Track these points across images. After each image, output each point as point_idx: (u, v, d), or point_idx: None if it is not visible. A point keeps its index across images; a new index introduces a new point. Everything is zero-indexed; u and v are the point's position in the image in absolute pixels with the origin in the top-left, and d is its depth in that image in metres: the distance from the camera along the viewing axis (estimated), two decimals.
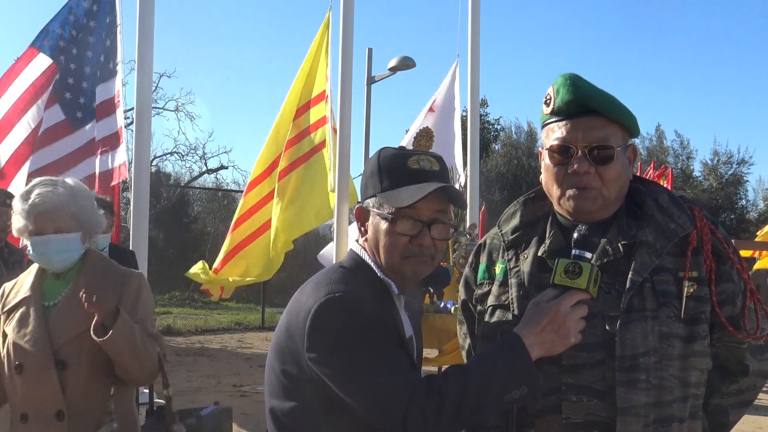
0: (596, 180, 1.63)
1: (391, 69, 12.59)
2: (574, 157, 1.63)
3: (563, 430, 1.59)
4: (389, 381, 1.51)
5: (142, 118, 7.04)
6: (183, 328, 13.18)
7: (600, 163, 1.63)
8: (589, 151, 1.63)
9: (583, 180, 1.63)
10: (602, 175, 1.63)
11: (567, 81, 1.65)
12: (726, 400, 1.73)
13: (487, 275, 1.81)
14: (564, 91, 1.65)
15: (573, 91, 1.63)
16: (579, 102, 1.63)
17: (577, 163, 1.63)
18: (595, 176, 1.63)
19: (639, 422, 1.54)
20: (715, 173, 23.42)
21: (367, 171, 1.71)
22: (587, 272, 1.53)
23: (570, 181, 1.65)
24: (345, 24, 7.06)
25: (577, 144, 1.63)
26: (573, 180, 1.64)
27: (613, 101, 1.65)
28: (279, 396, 1.64)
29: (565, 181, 1.66)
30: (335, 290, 1.58)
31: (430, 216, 1.64)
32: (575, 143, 1.63)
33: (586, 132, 1.63)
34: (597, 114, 1.63)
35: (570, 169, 1.64)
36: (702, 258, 1.62)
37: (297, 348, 1.59)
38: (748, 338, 1.64)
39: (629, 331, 1.56)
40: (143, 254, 6.61)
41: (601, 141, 1.63)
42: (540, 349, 1.53)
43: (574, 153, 1.64)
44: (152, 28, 7.01)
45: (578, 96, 1.63)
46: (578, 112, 1.64)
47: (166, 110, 22.44)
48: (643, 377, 1.55)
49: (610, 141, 1.63)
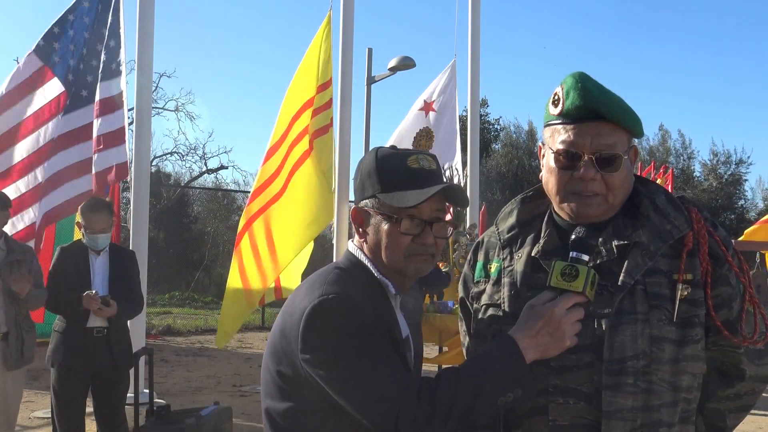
0: (601, 186, 1.62)
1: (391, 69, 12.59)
2: (581, 163, 1.62)
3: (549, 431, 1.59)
4: (382, 382, 1.52)
5: (142, 118, 7.05)
6: (183, 328, 13.17)
7: (606, 169, 1.61)
8: (595, 157, 1.61)
9: (588, 186, 1.62)
10: (608, 181, 1.62)
11: (578, 84, 1.62)
12: (723, 404, 1.71)
13: (483, 273, 1.80)
14: (574, 95, 1.62)
15: (584, 96, 1.61)
16: (589, 108, 1.61)
17: (584, 168, 1.61)
18: (600, 182, 1.62)
19: (625, 426, 1.53)
20: (714, 173, 23.42)
21: (363, 171, 1.70)
22: (584, 275, 1.53)
23: (574, 186, 1.64)
24: (345, 24, 7.07)
25: (584, 150, 1.61)
26: (578, 185, 1.63)
27: (622, 106, 1.63)
28: (274, 397, 1.64)
29: (569, 186, 1.65)
30: (329, 292, 1.58)
31: (431, 215, 1.65)
32: (582, 149, 1.61)
33: (594, 138, 1.61)
34: (605, 119, 1.61)
35: (576, 175, 1.62)
36: (698, 260, 1.60)
37: (291, 349, 1.59)
38: (745, 342, 1.62)
39: (618, 334, 1.55)
40: (143, 254, 6.62)
41: (608, 148, 1.61)
42: (535, 351, 1.52)
43: (580, 158, 1.62)
44: (152, 29, 7.03)
45: (588, 102, 1.60)
46: (586, 116, 1.62)
47: (166, 110, 22.50)
48: (631, 381, 1.54)
49: (617, 148, 1.62)
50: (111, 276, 4.61)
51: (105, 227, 4.58)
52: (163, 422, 4.31)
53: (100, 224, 4.55)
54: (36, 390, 7.37)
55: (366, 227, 1.70)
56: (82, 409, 4.58)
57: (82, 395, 4.56)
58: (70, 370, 4.46)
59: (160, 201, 20.59)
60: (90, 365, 4.48)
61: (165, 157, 23.31)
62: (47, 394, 5.53)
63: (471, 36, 8.99)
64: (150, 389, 4.89)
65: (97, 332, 4.49)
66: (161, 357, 9.66)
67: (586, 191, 1.63)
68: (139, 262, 5.21)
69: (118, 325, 4.59)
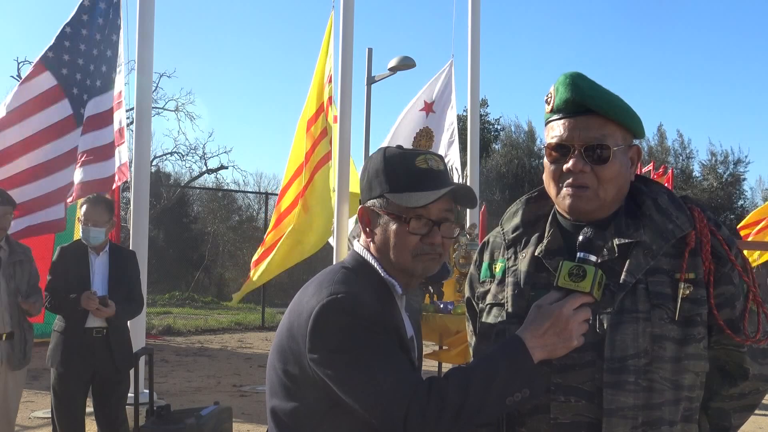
0: (592, 179, 1.63)
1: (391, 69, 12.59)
2: (570, 155, 1.64)
3: (551, 430, 1.59)
4: (390, 382, 1.52)
5: (142, 118, 7.04)
6: (183, 328, 13.17)
7: (596, 162, 1.63)
8: (585, 150, 1.63)
9: (578, 178, 1.64)
10: (598, 174, 1.63)
11: (567, 80, 1.65)
12: (727, 403, 1.71)
13: (489, 273, 1.81)
14: (563, 90, 1.65)
15: (572, 90, 1.64)
16: (577, 101, 1.63)
17: (573, 160, 1.63)
18: (590, 175, 1.63)
19: (626, 424, 1.54)
20: (714, 173, 23.43)
21: (371, 171, 1.70)
22: (591, 275, 1.53)
23: (566, 179, 1.66)
24: (345, 24, 7.06)
25: (573, 142, 1.64)
26: (568, 178, 1.65)
27: (613, 101, 1.65)
28: (280, 396, 1.64)
29: (561, 179, 1.67)
30: (338, 291, 1.58)
31: (439, 215, 1.66)
32: (572, 141, 1.64)
33: (584, 131, 1.63)
34: (595, 113, 1.63)
35: (565, 167, 1.64)
36: (700, 259, 1.61)
37: (299, 348, 1.59)
38: (747, 341, 1.62)
39: (619, 333, 1.56)
40: (143, 254, 6.61)
41: (597, 140, 1.63)
42: (542, 351, 1.52)
43: (570, 151, 1.64)
44: (152, 29, 7.02)
45: (576, 95, 1.63)
46: (577, 111, 1.64)
47: (166, 110, 22.48)
48: (632, 379, 1.54)
49: (607, 141, 1.63)
50: (111, 276, 4.61)
51: (99, 221, 4.55)
52: (163, 422, 4.31)
53: (94, 216, 4.53)
54: (36, 390, 7.37)
55: (373, 227, 1.70)
56: (82, 409, 4.58)
57: (82, 395, 4.55)
58: (70, 370, 4.45)
59: (160, 201, 20.58)
60: (90, 365, 4.48)
61: (165, 157, 23.33)
62: (47, 394, 5.53)
63: (471, 36, 8.97)
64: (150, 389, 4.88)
65: (97, 332, 4.49)
66: (161, 357, 9.66)
67: (576, 183, 1.64)
68: (139, 262, 5.21)
69: (117, 325, 4.59)
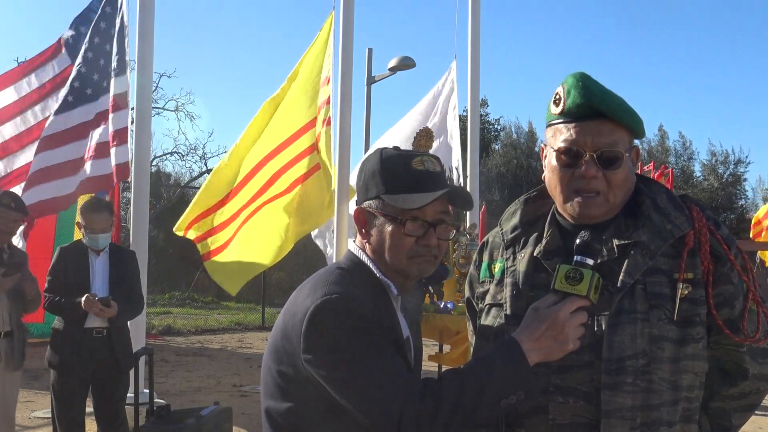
0: (603, 184, 1.63)
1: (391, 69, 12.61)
2: (582, 161, 1.62)
3: (549, 430, 1.59)
4: (385, 383, 1.51)
5: (142, 118, 7.05)
6: (183, 328, 13.16)
7: (608, 167, 1.62)
8: (597, 155, 1.62)
9: (590, 184, 1.62)
10: (609, 179, 1.63)
11: (579, 83, 1.63)
12: (727, 403, 1.71)
13: (488, 273, 1.81)
14: (576, 94, 1.63)
15: (585, 95, 1.62)
16: (590, 106, 1.62)
17: (585, 166, 1.62)
18: (602, 180, 1.62)
19: (624, 425, 1.53)
20: (714, 173, 23.43)
21: (367, 172, 1.70)
22: (588, 279, 1.52)
23: (576, 184, 1.64)
24: (345, 24, 7.06)
25: (585, 148, 1.62)
26: (579, 183, 1.64)
27: (623, 105, 1.64)
28: (275, 396, 1.64)
29: (570, 184, 1.65)
30: (332, 291, 1.58)
31: (435, 217, 1.66)
32: (584, 147, 1.62)
33: (596, 136, 1.62)
34: (606, 117, 1.62)
35: (577, 173, 1.63)
36: (699, 259, 1.60)
37: (293, 349, 1.59)
38: (747, 341, 1.62)
39: (617, 334, 1.55)
40: (143, 254, 6.62)
41: (609, 146, 1.62)
42: (538, 354, 1.52)
43: (582, 156, 1.63)
44: (152, 29, 7.02)
45: (590, 100, 1.61)
46: (588, 115, 1.62)
47: (166, 110, 22.46)
48: (630, 380, 1.54)
49: (618, 146, 1.62)
50: (111, 276, 4.62)
51: (105, 227, 4.60)
52: (163, 422, 4.30)
53: (100, 224, 4.56)
54: (36, 390, 7.37)
55: (369, 228, 1.70)
56: (82, 409, 4.58)
57: (82, 395, 4.56)
58: (70, 370, 4.46)
59: (160, 201, 20.57)
60: (90, 365, 4.48)
61: (165, 157, 23.30)
62: (47, 394, 5.53)
63: (471, 36, 8.97)
64: (150, 389, 4.88)
65: (97, 332, 4.50)
66: (161, 357, 9.66)
67: (587, 189, 1.63)
68: (139, 262, 5.21)
69: (118, 325, 4.59)
